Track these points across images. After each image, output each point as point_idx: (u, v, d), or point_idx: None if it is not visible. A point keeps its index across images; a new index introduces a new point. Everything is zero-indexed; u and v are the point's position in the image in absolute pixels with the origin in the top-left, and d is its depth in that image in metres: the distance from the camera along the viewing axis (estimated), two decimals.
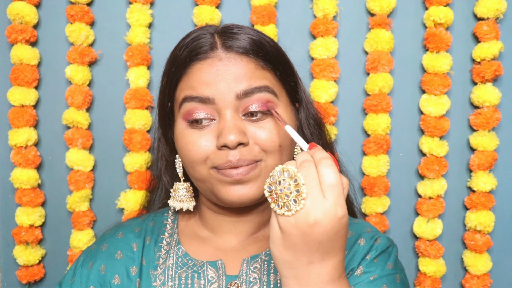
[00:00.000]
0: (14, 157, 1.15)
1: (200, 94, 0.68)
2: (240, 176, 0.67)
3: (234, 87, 0.68)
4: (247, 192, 0.68)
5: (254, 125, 0.69)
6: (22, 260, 1.16)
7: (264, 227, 0.77)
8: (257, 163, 0.68)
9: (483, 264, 1.14)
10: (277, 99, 0.71)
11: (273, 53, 0.72)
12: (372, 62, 1.13)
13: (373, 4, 1.12)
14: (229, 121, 0.67)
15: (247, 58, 0.70)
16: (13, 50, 1.14)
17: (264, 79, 0.70)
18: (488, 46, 1.11)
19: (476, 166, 1.14)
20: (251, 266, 0.72)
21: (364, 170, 1.16)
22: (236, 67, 0.68)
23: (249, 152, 0.68)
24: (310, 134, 0.79)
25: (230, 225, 0.77)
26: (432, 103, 1.13)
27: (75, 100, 1.14)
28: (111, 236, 0.80)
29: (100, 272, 0.75)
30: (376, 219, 1.16)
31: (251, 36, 0.71)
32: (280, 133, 0.69)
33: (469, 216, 1.15)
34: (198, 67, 0.69)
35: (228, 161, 0.67)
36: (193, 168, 0.71)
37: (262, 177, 0.69)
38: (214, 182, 0.69)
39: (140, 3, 1.14)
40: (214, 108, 0.68)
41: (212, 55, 0.69)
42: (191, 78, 0.70)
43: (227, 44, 0.70)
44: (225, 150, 0.67)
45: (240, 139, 0.66)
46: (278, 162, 0.70)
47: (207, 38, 0.71)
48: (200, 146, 0.68)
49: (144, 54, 1.14)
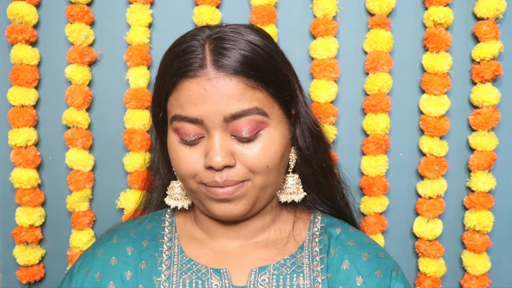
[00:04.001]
0: (14, 157, 1.15)
1: (188, 114, 0.67)
2: (225, 195, 0.68)
3: (221, 110, 0.66)
4: (232, 209, 0.70)
5: (242, 146, 0.68)
6: (22, 260, 1.16)
7: (263, 233, 0.77)
8: (243, 183, 0.69)
9: (482, 264, 1.14)
10: (268, 119, 0.69)
11: (267, 70, 0.69)
12: (371, 62, 1.13)
13: (373, 4, 1.12)
14: (217, 142, 0.67)
15: (236, 79, 0.66)
16: (13, 50, 1.14)
17: (254, 100, 0.67)
18: (488, 46, 1.11)
19: (475, 166, 1.14)
20: (259, 278, 0.71)
21: (363, 170, 1.16)
22: (224, 89, 0.66)
23: (236, 174, 0.68)
24: (306, 146, 0.77)
25: (225, 229, 0.76)
26: (432, 103, 1.13)
27: (75, 100, 1.14)
28: (107, 241, 0.79)
29: (95, 280, 0.74)
30: (374, 219, 1.16)
31: (244, 52, 0.67)
32: (268, 154, 0.68)
33: (468, 216, 1.16)
34: (187, 85, 0.67)
35: (214, 181, 0.68)
36: (184, 181, 0.72)
37: (248, 195, 0.70)
38: (203, 196, 0.71)
39: (140, 3, 1.14)
40: (203, 128, 0.68)
41: (201, 73, 0.66)
42: (180, 96, 0.68)
43: (217, 63, 0.66)
44: (212, 170, 0.67)
45: (226, 161, 0.66)
46: (265, 181, 0.69)
47: (197, 53, 0.67)
48: (189, 163, 0.69)
49: (144, 54, 1.14)
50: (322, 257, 0.73)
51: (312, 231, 0.78)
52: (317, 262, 0.73)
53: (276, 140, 0.70)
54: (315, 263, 0.73)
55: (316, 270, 0.72)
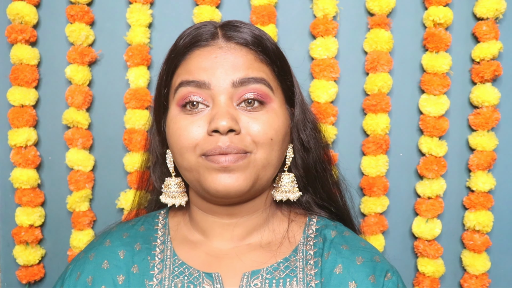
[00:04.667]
0: (14, 157, 1.15)
1: (196, 78, 0.69)
2: (227, 163, 0.66)
3: (230, 74, 0.68)
4: (233, 182, 0.67)
5: (248, 115, 0.68)
6: (22, 260, 1.16)
7: (256, 233, 0.76)
8: (246, 154, 0.67)
9: (482, 264, 1.15)
10: (273, 94, 0.71)
11: (273, 50, 0.73)
12: (371, 62, 1.13)
13: (373, 4, 1.13)
14: (223, 107, 0.67)
15: (246, 49, 0.71)
16: (13, 50, 1.14)
17: (262, 72, 0.70)
18: (488, 46, 1.12)
19: (475, 166, 1.14)
20: (251, 282, 0.70)
21: (363, 170, 1.16)
22: (234, 56, 0.69)
23: (240, 141, 0.67)
24: (306, 137, 0.78)
25: (221, 228, 0.75)
26: (431, 103, 1.13)
27: (75, 100, 1.14)
28: (99, 244, 0.78)
29: (87, 284, 0.74)
30: (375, 219, 1.16)
31: (253, 30, 0.72)
32: (273, 126, 0.69)
33: (468, 216, 1.16)
34: (197, 53, 0.70)
35: (218, 147, 0.66)
36: (181, 156, 0.69)
37: (250, 169, 0.68)
38: (201, 170, 0.68)
39: (140, 3, 1.14)
40: (209, 94, 0.68)
41: (213, 43, 0.71)
42: (189, 64, 0.70)
43: (228, 34, 0.71)
44: (216, 135, 0.66)
45: (232, 125, 0.66)
46: (267, 157, 0.69)
47: (209, 28, 0.72)
48: (190, 132, 0.68)
49: (144, 54, 1.14)
50: (316, 261, 0.72)
51: (307, 233, 0.77)
52: (311, 266, 0.72)
53: (280, 117, 0.71)
54: (309, 267, 0.72)
55: (309, 274, 0.71)
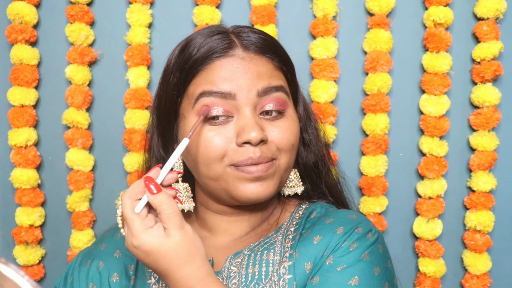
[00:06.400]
0: (14, 157, 1.15)
1: (220, 89, 0.68)
2: (259, 173, 0.68)
3: (256, 84, 0.69)
4: (264, 190, 0.69)
5: (270, 123, 0.70)
6: (22, 260, 1.16)
7: (258, 227, 0.78)
8: (273, 162, 0.70)
9: (483, 264, 1.14)
10: (289, 100, 0.73)
11: (285, 55, 0.75)
12: (370, 62, 1.13)
13: (373, 4, 1.12)
14: (250, 118, 0.68)
15: (265, 58, 0.72)
16: (13, 50, 1.14)
17: (280, 80, 0.72)
18: (488, 46, 1.11)
19: (476, 166, 1.14)
20: (233, 261, 0.72)
21: (362, 170, 1.16)
22: (256, 66, 0.70)
23: (268, 150, 0.69)
24: (308, 137, 0.80)
25: (227, 224, 0.77)
26: (432, 103, 1.13)
27: (75, 100, 1.14)
28: (110, 237, 0.81)
29: (98, 269, 0.76)
30: (374, 219, 1.16)
31: (265, 37, 0.73)
32: (293, 132, 0.72)
33: (469, 216, 1.15)
34: (219, 63, 0.70)
35: (249, 158, 0.67)
36: (207, 166, 0.69)
37: (276, 175, 0.71)
38: (230, 180, 0.69)
39: (140, 3, 1.14)
40: (233, 105, 0.68)
41: (232, 53, 0.70)
42: (210, 74, 0.69)
43: (245, 44, 0.71)
44: (246, 146, 0.68)
45: (262, 136, 0.67)
46: (288, 161, 0.71)
47: (225, 36, 0.71)
48: (218, 143, 0.68)
49: (144, 54, 1.14)
50: (295, 235, 0.73)
51: (293, 216, 0.78)
52: (289, 239, 0.73)
53: (296, 121, 0.73)
54: (287, 240, 0.73)
55: (286, 246, 0.72)
